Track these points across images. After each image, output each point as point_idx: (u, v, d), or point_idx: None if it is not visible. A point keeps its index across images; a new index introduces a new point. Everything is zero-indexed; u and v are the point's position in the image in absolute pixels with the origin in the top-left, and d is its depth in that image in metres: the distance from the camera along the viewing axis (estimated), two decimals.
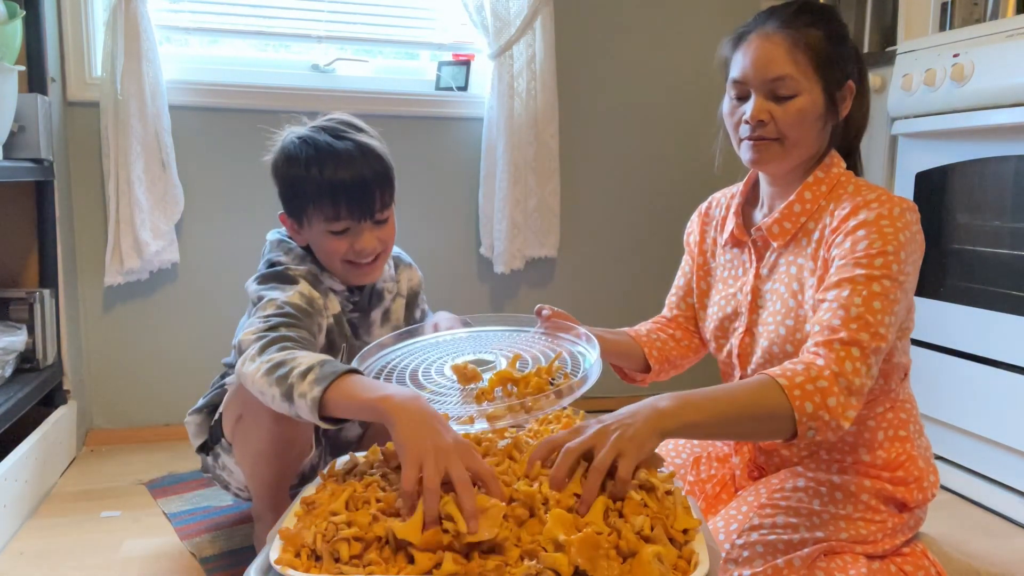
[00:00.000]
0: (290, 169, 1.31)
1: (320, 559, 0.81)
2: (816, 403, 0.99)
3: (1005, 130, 1.65)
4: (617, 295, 2.45)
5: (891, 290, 1.06)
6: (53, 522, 1.59)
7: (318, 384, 1.00)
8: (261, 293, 1.26)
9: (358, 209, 1.29)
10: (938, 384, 1.82)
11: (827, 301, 1.08)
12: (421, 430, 0.88)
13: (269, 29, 2.18)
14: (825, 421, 1.00)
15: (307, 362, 1.04)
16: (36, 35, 1.80)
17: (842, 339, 1.03)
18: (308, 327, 1.23)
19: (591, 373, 1.06)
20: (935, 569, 1.21)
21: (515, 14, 2.18)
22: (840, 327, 1.04)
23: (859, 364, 1.02)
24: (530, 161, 2.24)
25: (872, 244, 1.08)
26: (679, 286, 1.44)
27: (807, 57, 1.14)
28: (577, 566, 0.77)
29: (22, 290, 1.81)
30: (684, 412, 0.96)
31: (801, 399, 0.99)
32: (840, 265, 1.10)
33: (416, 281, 1.56)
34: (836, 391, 1.00)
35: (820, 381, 1.00)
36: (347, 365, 1.04)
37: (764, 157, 1.18)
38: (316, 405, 0.99)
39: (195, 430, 1.43)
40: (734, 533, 1.13)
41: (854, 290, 1.06)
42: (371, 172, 1.29)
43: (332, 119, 1.36)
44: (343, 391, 0.99)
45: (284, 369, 1.05)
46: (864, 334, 1.03)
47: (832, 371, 1.01)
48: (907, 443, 1.22)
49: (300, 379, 1.02)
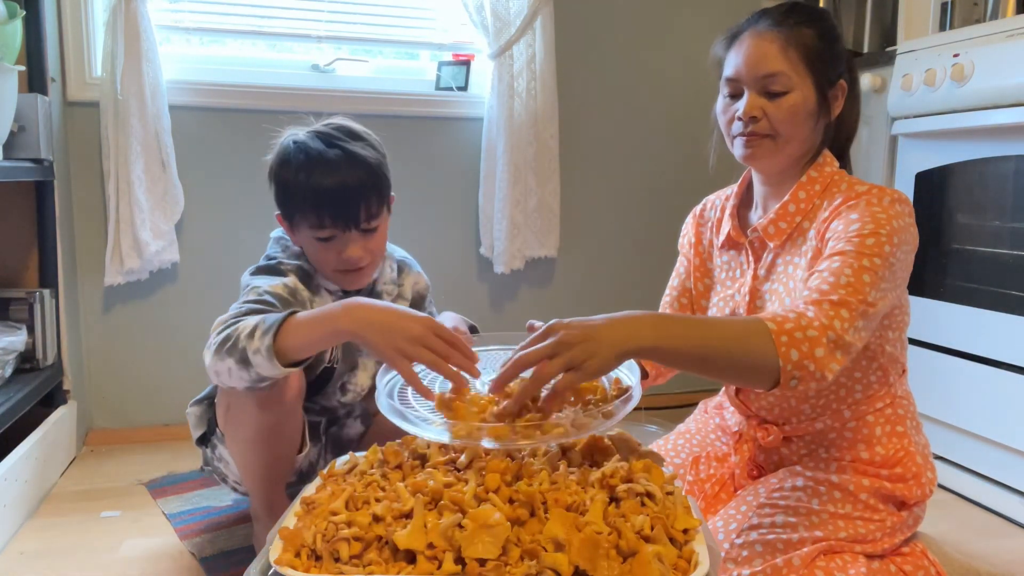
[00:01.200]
0: (281, 172, 1.33)
1: (320, 559, 0.81)
2: (803, 352, 0.97)
3: (1005, 130, 1.65)
4: (617, 295, 2.45)
5: (880, 268, 1.06)
6: (53, 522, 1.59)
7: (266, 334, 1.05)
8: (248, 282, 1.31)
9: (342, 218, 1.29)
10: (937, 384, 1.82)
11: (817, 271, 1.08)
12: (386, 332, 0.99)
13: (269, 29, 2.18)
14: (810, 371, 0.98)
15: (250, 323, 1.09)
16: (36, 35, 1.80)
17: (832, 300, 1.02)
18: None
19: (635, 392, 1.00)
20: (935, 569, 1.21)
21: (515, 14, 2.18)
22: (829, 290, 1.03)
23: (847, 323, 1.01)
24: (530, 161, 2.24)
25: (864, 225, 1.09)
26: (673, 287, 1.44)
27: (799, 54, 1.15)
28: (577, 566, 0.77)
29: (22, 290, 1.82)
30: (661, 337, 0.94)
31: (788, 345, 0.97)
32: (832, 245, 1.10)
33: (423, 286, 1.56)
34: (824, 342, 0.98)
35: (809, 331, 0.98)
36: (289, 310, 1.09)
37: (757, 153, 1.19)
38: (271, 353, 1.04)
39: (195, 421, 1.43)
40: (733, 533, 1.13)
41: (844, 262, 1.06)
42: (356, 181, 1.29)
43: (331, 124, 1.36)
44: (293, 332, 1.05)
45: (231, 340, 1.09)
46: (852, 298, 1.03)
47: (821, 323, 1.00)
48: (905, 439, 1.23)
49: (248, 339, 1.07)
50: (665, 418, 2.18)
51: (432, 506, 0.86)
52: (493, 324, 2.30)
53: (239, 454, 1.31)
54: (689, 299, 1.41)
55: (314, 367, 1.38)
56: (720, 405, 1.48)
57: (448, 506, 0.85)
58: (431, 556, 0.79)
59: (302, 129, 1.36)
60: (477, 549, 0.78)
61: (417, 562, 0.79)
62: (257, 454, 1.28)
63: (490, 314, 2.36)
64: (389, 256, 1.52)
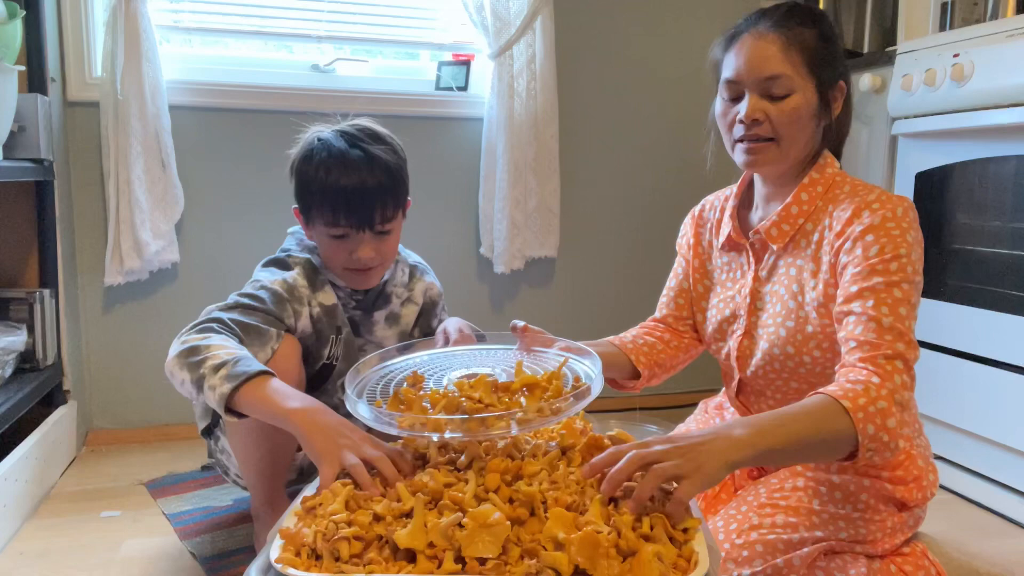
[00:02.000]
0: (303, 167, 1.34)
1: (320, 558, 0.81)
2: (877, 425, 0.98)
3: (1005, 130, 1.65)
4: (617, 295, 2.45)
5: (910, 293, 1.07)
6: (53, 522, 1.59)
7: (228, 382, 1.07)
8: (256, 273, 1.36)
9: (356, 218, 1.30)
10: (938, 384, 1.82)
11: (854, 314, 1.08)
12: (329, 436, 0.98)
13: (269, 29, 2.18)
14: (884, 442, 0.98)
15: (222, 356, 1.11)
16: (36, 35, 1.80)
17: (886, 354, 1.03)
18: (275, 313, 1.29)
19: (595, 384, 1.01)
20: (935, 569, 1.21)
21: (515, 14, 2.18)
22: (879, 342, 1.03)
23: (906, 377, 1.03)
24: (530, 161, 2.24)
25: (884, 249, 1.08)
26: (671, 287, 1.44)
27: (801, 56, 1.14)
28: (577, 565, 0.77)
29: (22, 290, 1.81)
30: (758, 441, 0.93)
31: (864, 421, 0.97)
32: (855, 273, 1.09)
33: (435, 292, 1.57)
34: (894, 411, 0.99)
35: (880, 402, 0.98)
36: (260, 367, 1.10)
37: (760, 160, 1.18)
38: (223, 401, 1.07)
39: (201, 411, 1.44)
40: (734, 533, 1.13)
41: (878, 300, 1.06)
42: (375, 183, 1.30)
43: (356, 125, 1.38)
44: (252, 394, 1.07)
45: (197, 357, 1.11)
46: (901, 345, 1.03)
47: (888, 389, 1.00)
48: (907, 442, 1.22)
49: (212, 372, 1.09)
50: (665, 418, 2.18)
51: (432, 506, 0.86)
52: (493, 324, 2.30)
53: (240, 449, 1.32)
54: (687, 300, 1.41)
55: (312, 363, 1.39)
56: (720, 405, 1.48)
57: (448, 506, 0.85)
58: (431, 555, 0.79)
59: (328, 127, 1.38)
60: (477, 548, 0.78)
61: (417, 561, 0.79)
62: (257, 446, 1.29)
63: (490, 314, 2.36)
64: (403, 260, 1.53)
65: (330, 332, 1.39)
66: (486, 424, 0.92)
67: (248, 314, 1.26)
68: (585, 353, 1.14)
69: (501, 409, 0.95)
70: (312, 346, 1.38)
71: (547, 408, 0.95)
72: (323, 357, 1.40)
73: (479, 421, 0.92)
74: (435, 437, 0.94)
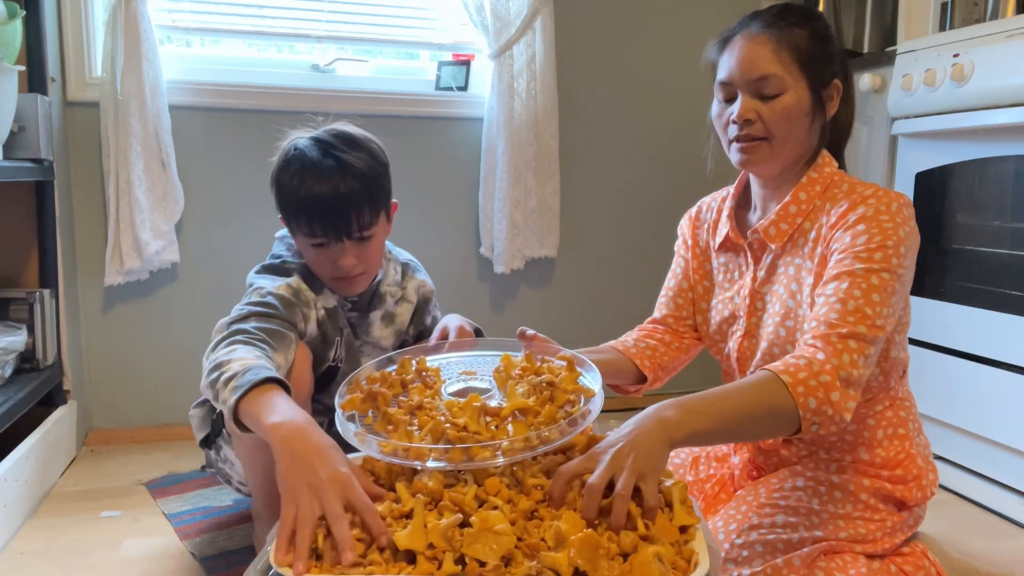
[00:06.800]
0: (280, 177, 1.34)
1: (321, 559, 0.81)
2: (819, 399, 0.99)
3: (1005, 130, 1.65)
4: (617, 295, 2.45)
5: (889, 283, 1.07)
6: (53, 522, 1.59)
7: (233, 394, 1.00)
8: (253, 281, 1.33)
9: (333, 228, 1.29)
10: (938, 384, 1.82)
11: (825, 295, 1.09)
12: (297, 467, 0.87)
13: (269, 29, 2.18)
14: (828, 416, 1.00)
15: (234, 368, 1.04)
16: (36, 35, 1.80)
17: (840, 333, 1.04)
18: (288, 318, 1.27)
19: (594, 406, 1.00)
20: (935, 569, 1.21)
21: (515, 14, 2.18)
22: (838, 321, 1.04)
23: (856, 356, 1.03)
24: (530, 161, 2.24)
25: (872, 238, 1.09)
26: (669, 287, 1.44)
27: (791, 55, 1.15)
28: (577, 566, 0.77)
29: (22, 290, 1.81)
30: (689, 420, 0.95)
31: (804, 395, 0.99)
32: (839, 259, 1.10)
33: (427, 290, 1.56)
34: (838, 385, 1.01)
35: (823, 376, 1.00)
36: (266, 375, 1.02)
37: (753, 159, 1.19)
38: (231, 414, 1.00)
39: (198, 423, 1.43)
40: (733, 533, 1.13)
41: (853, 283, 1.06)
42: (347, 191, 1.28)
43: (333, 131, 1.36)
44: (249, 405, 0.99)
45: (216, 373, 1.06)
46: (861, 326, 1.04)
47: (832, 364, 1.01)
48: (906, 441, 1.22)
49: (224, 385, 1.03)
50: None
51: (432, 506, 0.86)
52: (493, 324, 2.30)
53: (247, 455, 1.31)
54: (686, 300, 1.41)
55: (317, 365, 1.39)
56: None
57: (448, 506, 0.85)
58: (431, 556, 0.79)
59: (305, 134, 1.36)
60: (478, 550, 0.78)
61: (417, 562, 0.79)
62: (263, 452, 1.28)
63: (490, 314, 2.36)
64: (393, 259, 1.52)
65: (334, 334, 1.39)
66: (469, 454, 0.89)
67: (267, 320, 1.23)
68: (587, 367, 1.11)
69: (487, 438, 0.92)
70: (318, 349, 1.37)
71: (535, 438, 0.92)
72: (328, 359, 1.39)
73: (462, 451, 0.89)
74: (419, 466, 0.91)
